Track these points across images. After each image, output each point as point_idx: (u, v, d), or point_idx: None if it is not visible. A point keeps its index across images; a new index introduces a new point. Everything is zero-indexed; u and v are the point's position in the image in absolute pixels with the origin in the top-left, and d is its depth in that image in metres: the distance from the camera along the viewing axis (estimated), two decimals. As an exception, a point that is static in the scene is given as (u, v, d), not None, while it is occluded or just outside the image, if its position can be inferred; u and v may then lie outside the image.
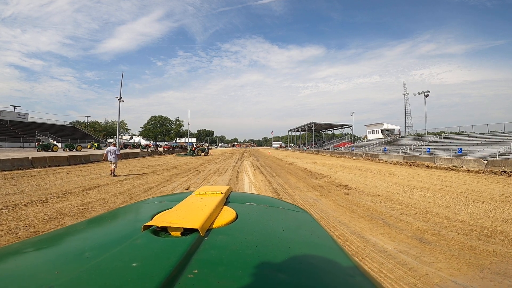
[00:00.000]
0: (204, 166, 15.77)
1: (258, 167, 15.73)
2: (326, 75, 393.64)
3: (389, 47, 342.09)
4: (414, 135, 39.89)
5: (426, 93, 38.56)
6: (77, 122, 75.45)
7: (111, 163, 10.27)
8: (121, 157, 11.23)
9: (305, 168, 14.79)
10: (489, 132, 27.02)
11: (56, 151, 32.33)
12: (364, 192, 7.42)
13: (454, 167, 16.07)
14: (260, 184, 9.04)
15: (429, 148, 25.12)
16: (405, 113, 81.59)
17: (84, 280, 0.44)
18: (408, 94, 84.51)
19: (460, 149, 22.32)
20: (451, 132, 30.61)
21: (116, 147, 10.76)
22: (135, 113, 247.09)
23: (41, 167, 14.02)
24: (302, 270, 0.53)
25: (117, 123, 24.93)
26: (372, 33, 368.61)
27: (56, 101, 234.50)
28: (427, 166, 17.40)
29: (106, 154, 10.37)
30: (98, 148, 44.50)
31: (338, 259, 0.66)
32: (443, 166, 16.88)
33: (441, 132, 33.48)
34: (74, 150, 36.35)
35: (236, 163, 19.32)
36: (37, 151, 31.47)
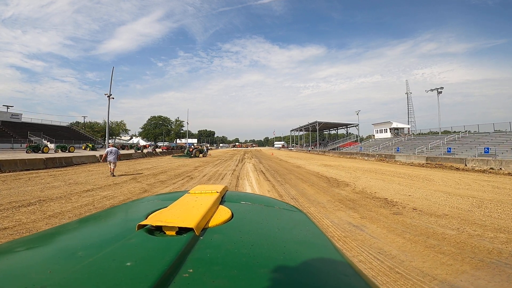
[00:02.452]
0: (199, 170, 13.50)
1: (262, 171, 13.43)
2: (327, 75, 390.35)
3: (390, 46, 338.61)
4: (426, 134, 37.40)
5: (439, 90, 36.04)
6: (77, 123, 73.69)
7: (109, 164, 10.23)
8: (120, 157, 11.17)
9: (318, 172, 12.51)
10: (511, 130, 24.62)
11: (46, 152, 30.75)
12: (420, 210, 5.13)
13: (491, 170, 13.71)
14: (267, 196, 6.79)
15: (449, 148, 22.74)
16: (408, 112, 79.11)
17: (77, 280, 0.42)
18: (411, 93, 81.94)
19: (487, 148, 19.97)
20: (475, 132, 28.04)
21: (113, 147, 10.58)
22: (136, 114, 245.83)
23: (10, 171, 11.89)
24: (297, 269, 0.52)
25: (107, 122, 22.76)
26: (372, 33, 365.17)
27: (57, 102, 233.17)
28: (458, 169, 15.07)
29: (106, 155, 10.23)
30: (93, 149, 42.69)
31: (332, 258, 0.65)
32: (477, 168, 14.54)
33: (446, 132, 31.32)
34: (67, 151, 34.74)
35: (237, 165, 17.04)
36: (26, 152, 30.16)
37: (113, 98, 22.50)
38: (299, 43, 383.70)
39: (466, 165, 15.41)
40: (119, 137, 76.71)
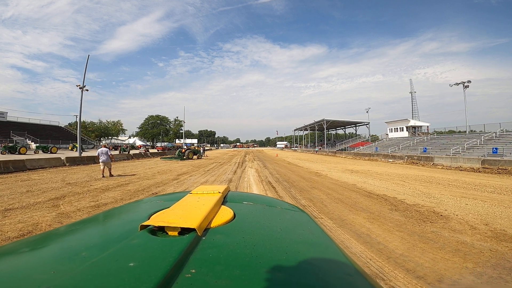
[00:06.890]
0: (179, 181, 9.54)
1: (269, 182, 9.39)
2: (328, 75, 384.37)
3: (391, 45, 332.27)
4: (452, 132, 33.24)
5: (466, 84, 31.92)
6: (76, 123, 70.40)
7: (101, 165, 9.93)
8: (113, 158, 10.66)
9: (354, 185, 8.55)
10: None
11: (24, 153, 27.39)
12: None
13: None
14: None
15: (496, 149, 18.71)
16: (413, 112, 74.83)
17: (81, 280, 0.43)
18: (415, 92, 77.72)
19: (549, 149, 15.95)
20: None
21: (104, 148, 10.09)
22: (138, 114, 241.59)
23: None
24: (299, 269, 0.52)
25: (79, 117, 18.94)
26: (374, 32, 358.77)
27: (59, 102, 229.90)
28: (536, 177, 11.08)
29: (98, 156, 9.90)
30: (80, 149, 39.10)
31: (335, 258, 0.65)
32: None
33: (451, 132, 27.45)
34: (48, 152, 31.46)
35: (235, 172, 13.08)
36: (1, 153, 26.72)
37: (87, 90, 18.75)
38: (300, 42, 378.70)
39: (547, 171, 11.40)
40: (115, 137, 73.17)
